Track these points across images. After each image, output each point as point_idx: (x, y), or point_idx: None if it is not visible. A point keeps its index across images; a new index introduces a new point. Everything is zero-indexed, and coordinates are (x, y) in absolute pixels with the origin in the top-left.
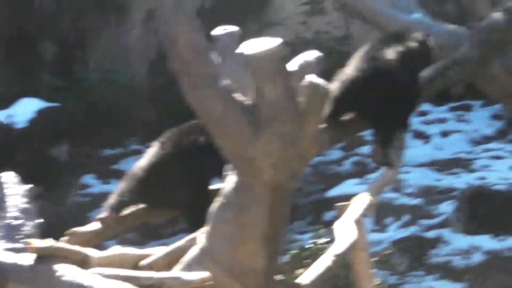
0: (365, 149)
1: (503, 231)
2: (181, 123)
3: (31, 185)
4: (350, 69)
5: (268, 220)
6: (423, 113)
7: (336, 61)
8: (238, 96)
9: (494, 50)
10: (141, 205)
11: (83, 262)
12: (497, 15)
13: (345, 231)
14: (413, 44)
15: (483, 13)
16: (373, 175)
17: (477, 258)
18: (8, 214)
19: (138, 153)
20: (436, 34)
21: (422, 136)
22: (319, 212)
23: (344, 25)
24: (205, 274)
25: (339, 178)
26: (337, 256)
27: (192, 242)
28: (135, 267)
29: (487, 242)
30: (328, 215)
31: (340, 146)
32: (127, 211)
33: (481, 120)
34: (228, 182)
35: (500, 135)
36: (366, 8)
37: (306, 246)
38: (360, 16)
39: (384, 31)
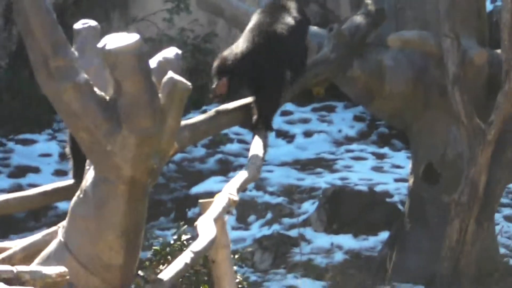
0: (229, 147)
1: (363, 231)
2: (44, 114)
3: None
4: (242, 43)
5: (127, 215)
6: (287, 113)
7: (201, 58)
8: (97, 91)
9: (354, 53)
10: None
11: None
12: (358, 18)
13: (207, 228)
14: (294, 13)
15: (346, 15)
16: (236, 173)
17: (338, 257)
18: None
19: (1, 145)
20: None
21: (285, 136)
22: (183, 209)
23: (209, 23)
24: (61, 268)
25: (203, 175)
26: (196, 253)
27: (52, 236)
28: None
29: (348, 241)
30: (192, 212)
31: (203, 143)
32: None
33: (343, 121)
34: (87, 177)
35: (362, 136)
36: (226, 5)
37: (170, 242)
38: (222, 14)
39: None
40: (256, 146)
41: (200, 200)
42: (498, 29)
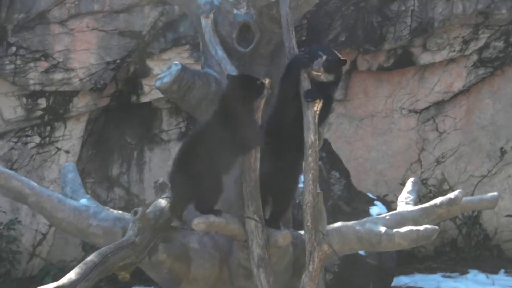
0: None
1: None
2: None
3: None
4: None
5: None
6: None
7: (4, 245)
8: None
9: (159, 236)
10: None
11: None
12: (163, 202)
13: None
14: None
15: (151, 199)
16: None
17: None
18: None
19: None
20: (102, 219)
21: None
22: None
23: (12, 210)
24: None
25: None
26: None
27: None
28: None
29: None
30: None
31: None
32: None
33: None
34: None
35: None
36: (30, 191)
37: None
38: (25, 200)
39: (52, 217)
40: None
41: None
42: (301, 210)
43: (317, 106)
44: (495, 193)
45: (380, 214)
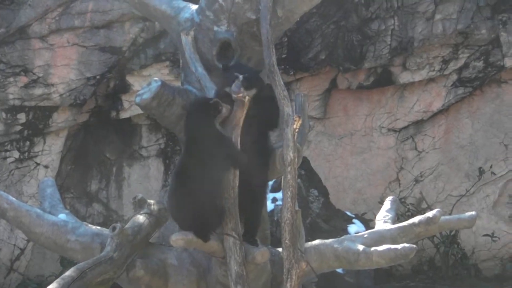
0: None
1: None
2: None
3: None
4: None
5: None
6: None
7: None
8: None
9: (137, 252)
10: None
11: None
12: (141, 218)
13: None
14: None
15: (129, 215)
16: None
17: None
18: None
19: None
20: (80, 235)
21: None
22: None
23: None
24: None
25: None
26: None
27: None
28: None
29: None
30: None
31: None
32: None
33: None
34: None
35: None
36: (8, 205)
37: None
38: (4, 215)
39: (30, 232)
40: None
41: None
42: (279, 227)
43: (297, 123)
44: (473, 213)
45: (358, 232)
